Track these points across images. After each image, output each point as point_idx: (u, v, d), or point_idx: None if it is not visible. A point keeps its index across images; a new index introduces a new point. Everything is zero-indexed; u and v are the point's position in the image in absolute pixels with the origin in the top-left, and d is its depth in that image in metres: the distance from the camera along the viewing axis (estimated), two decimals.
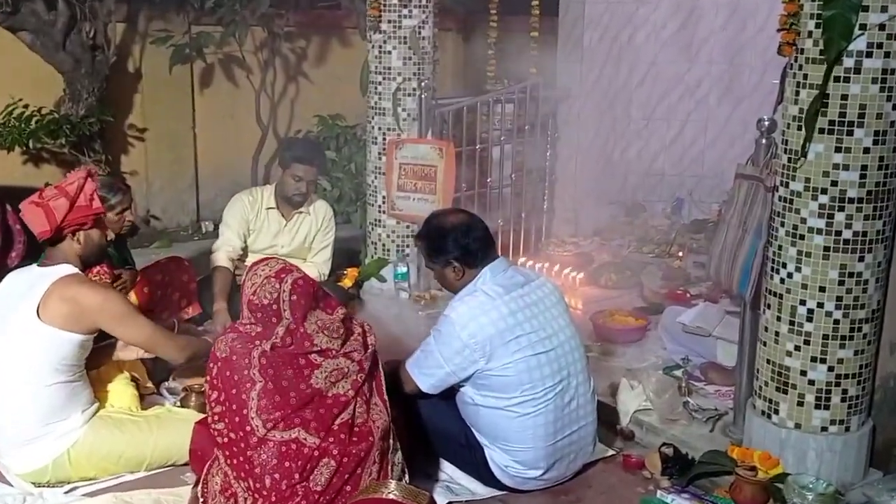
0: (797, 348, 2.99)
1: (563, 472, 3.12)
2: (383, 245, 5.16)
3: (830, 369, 2.97)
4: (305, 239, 4.70)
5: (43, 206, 3.16)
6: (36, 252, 5.38)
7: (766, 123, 3.20)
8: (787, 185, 2.97)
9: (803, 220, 2.93)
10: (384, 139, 4.99)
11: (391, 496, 1.42)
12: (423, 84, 4.87)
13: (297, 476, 2.60)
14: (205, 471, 2.80)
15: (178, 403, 3.59)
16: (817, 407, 3.00)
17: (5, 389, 3.01)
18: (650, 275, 5.17)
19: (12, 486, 3.06)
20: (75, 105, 5.97)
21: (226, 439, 2.71)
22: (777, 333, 3.04)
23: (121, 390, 3.36)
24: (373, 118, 5.04)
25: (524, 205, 5.61)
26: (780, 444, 3.05)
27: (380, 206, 5.11)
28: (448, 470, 3.21)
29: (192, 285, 4.37)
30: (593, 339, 4.30)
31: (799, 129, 2.90)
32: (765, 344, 3.11)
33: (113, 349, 3.38)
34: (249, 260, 4.61)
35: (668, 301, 4.70)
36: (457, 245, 3.07)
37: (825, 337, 2.96)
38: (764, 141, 3.21)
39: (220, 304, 4.29)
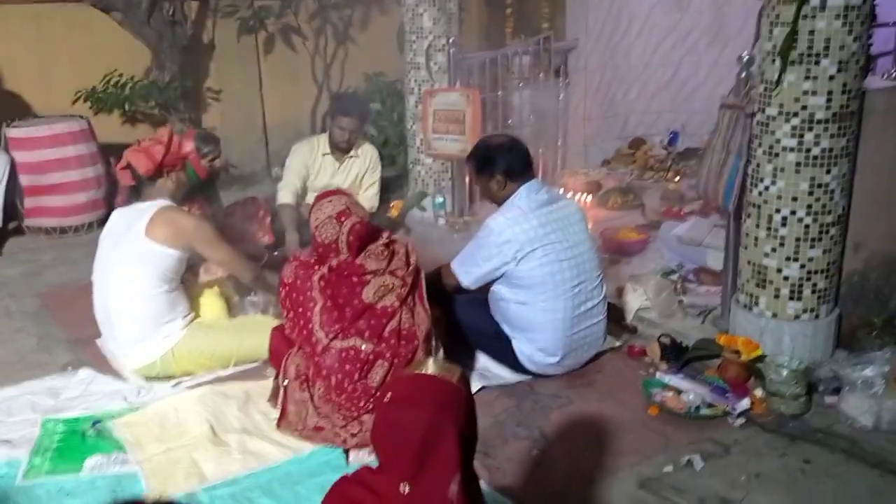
0: (773, 250, 2.98)
1: (577, 360, 3.17)
2: (422, 180, 5.16)
3: (802, 266, 2.96)
4: (356, 178, 4.72)
5: (144, 151, 3.30)
6: (136, 197, 5.52)
7: (746, 58, 3.13)
8: (763, 111, 2.92)
9: (777, 141, 2.88)
10: (420, 90, 4.95)
11: (428, 371, 1.46)
12: (451, 41, 4.80)
13: (356, 376, 2.66)
14: (282, 363, 2.89)
15: (259, 313, 3.68)
16: (791, 298, 3.01)
17: (122, 297, 3.12)
18: (650, 197, 5.13)
19: (128, 381, 3.17)
20: (161, 73, 6.00)
21: (303, 347, 2.78)
22: (756, 238, 3.03)
23: (211, 303, 3.44)
24: (409, 72, 5.00)
25: (541, 142, 5.55)
26: (760, 331, 3.07)
27: (418, 148, 5.10)
28: (482, 361, 3.26)
29: (267, 219, 4.44)
30: (602, 251, 4.28)
31: (773, 62, 2.84)
32: (746, 248, 3.10)
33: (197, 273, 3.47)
34: (309, 197, 4.66)
35: (665, 218, 4.68)
36: (501, 160, 3.08)
37: (797, 239, 2.94)
38: (743, 74, 3.14)
39: (292, 236, 4.36)
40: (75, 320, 3.73)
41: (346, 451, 2.65)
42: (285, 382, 2.84)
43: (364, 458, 2.62)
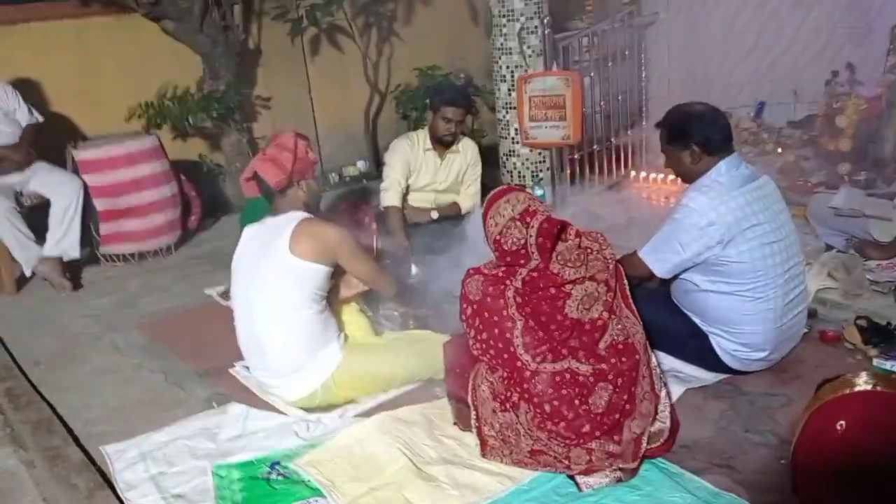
0: None
1: (782, 352, 2.86)
2: (518, 172, 4.85)
3: None
4: (458, 174, 4.39)
5: (272, 160, 2.99)
6: (211, 217, 5.21)
7: None
8: None
9: None
10: (512, 76, 4.64)
11: (878, 388, 1.16)
12: (545, 21, 4.49)
13: (577, 402, 2.34)
14: (470, 382, 2.56)
15: (397, 329, 3.37)
16: None
17: (271, 323, 2.80)
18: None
19: (287, 415, 2.85)
20: (216, 82, 5.67)
21: (498, 370, 2.46)
22: None
23: (357, 321, 3.13)
24: (499, 58, 4.69)
25: (624, 121, 5.29)
26: None
27: (513, 138, 4.79)
28: (668, 362, 2.93)
29: (373, 226, 4.10)
30: None
31: None
32: None
33: (338, 290, 3.15)
34: (412, 197, 4.34)
35: (787, 192, 4.38)
36: (700, 130, 2.75)
37: None
38: None
39: (402, 242, 4.05)
40: (193, 350, 3.43)
41: (572, 477, 2.34)
42: (476, 404, 2.53)
43: (598, 483, 2.31)
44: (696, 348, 2.85)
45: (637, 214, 4.63)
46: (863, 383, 1.23)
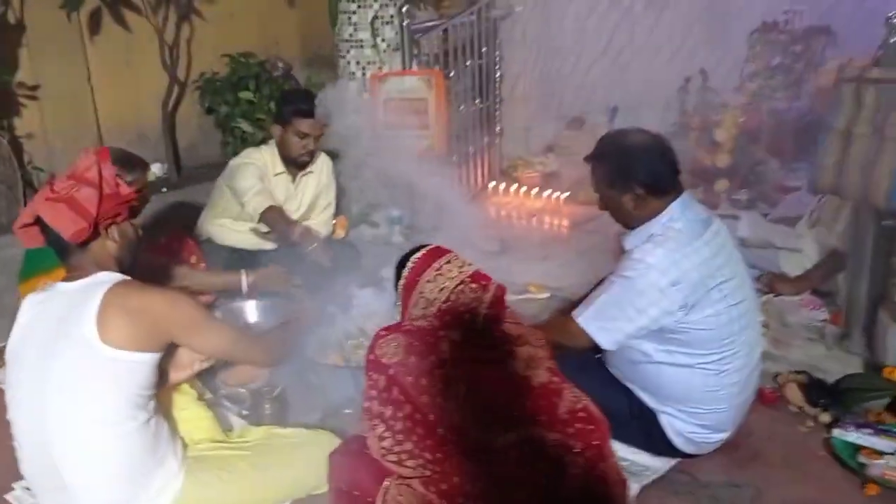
0: None
1: (738, 427, 2.44)
2: (372, 189, 4.18)
3: None
4: (312, 199, 3.60)
5: (66, 201, 2.06)
6: None
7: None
8: None
9: None
10: (365, 74, 3.95)
11: None
12: (403, 10, 3.84)
13: (544, 481, 1.76)
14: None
15: (246, 412, 2.61)
16: None
17: (74, 444, 1.94)
18: None
19: None
20: None
21: (420, 460, 1.81)
22: None
23: (196, 414, 2.30)
24: (348, 52, 3.99)
25: (479, 127, 4.81)
26: None
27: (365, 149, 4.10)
28: None
29: (202, 265, 3.22)
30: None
31: None
32: None
33: (166, 374, 2.31)
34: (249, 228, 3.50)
35: None
36: (643, 167, 2.23)
37: None
38: (893, 40, 2.56)
39: (300, 227, 3.32)
40: None
41: None
42: None
43: None
44: (642, 430, 2.36)
45: (509, 238, 4.15)
46: None
